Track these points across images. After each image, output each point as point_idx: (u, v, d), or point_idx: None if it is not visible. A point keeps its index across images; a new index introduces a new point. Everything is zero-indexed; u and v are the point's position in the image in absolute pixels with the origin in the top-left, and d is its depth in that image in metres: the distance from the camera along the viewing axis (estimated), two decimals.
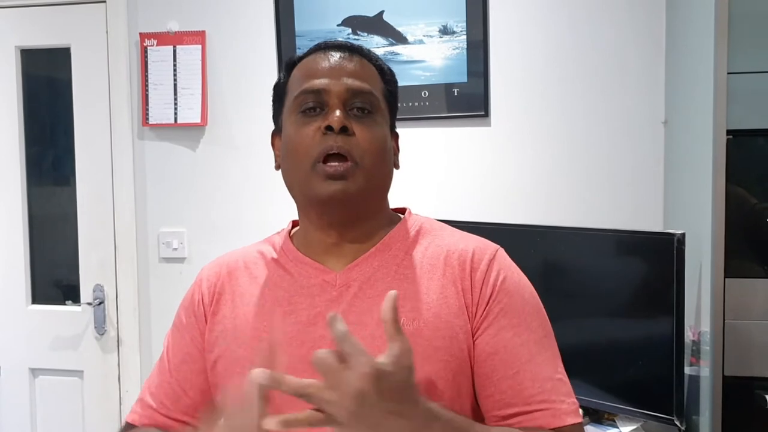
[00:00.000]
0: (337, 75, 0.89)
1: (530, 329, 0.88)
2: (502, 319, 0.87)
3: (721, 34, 1.43)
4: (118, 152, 2.28)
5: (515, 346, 0.87)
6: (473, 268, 0.90)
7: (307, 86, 0.89)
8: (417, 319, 0.86)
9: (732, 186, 1.44)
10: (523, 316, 0.89)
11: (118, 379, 2.32)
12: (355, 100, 0.89)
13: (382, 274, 0.90)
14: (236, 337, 0.91)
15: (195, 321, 0.96)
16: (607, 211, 2.04)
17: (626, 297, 1.58)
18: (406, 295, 0.88)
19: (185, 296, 1.00)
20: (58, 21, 2.30)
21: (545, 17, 2.06)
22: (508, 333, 0.87)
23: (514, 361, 0.86)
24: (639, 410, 1.53)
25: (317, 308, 0.89)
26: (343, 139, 0.86)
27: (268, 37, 2.19)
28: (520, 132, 2.09)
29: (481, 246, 0.93)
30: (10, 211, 2.35)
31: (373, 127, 0.90)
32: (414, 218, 0.98)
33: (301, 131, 0.89)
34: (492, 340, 0.87)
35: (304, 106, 0.89)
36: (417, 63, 2.11)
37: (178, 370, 0.96)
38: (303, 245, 0.95)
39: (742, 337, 1.45)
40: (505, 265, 0.92)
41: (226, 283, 0.96)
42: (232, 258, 1.00)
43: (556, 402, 0.85)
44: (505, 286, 0.89)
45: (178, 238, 2.28)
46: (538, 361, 0.87)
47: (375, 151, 0.89)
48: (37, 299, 2.38)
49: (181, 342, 0.97)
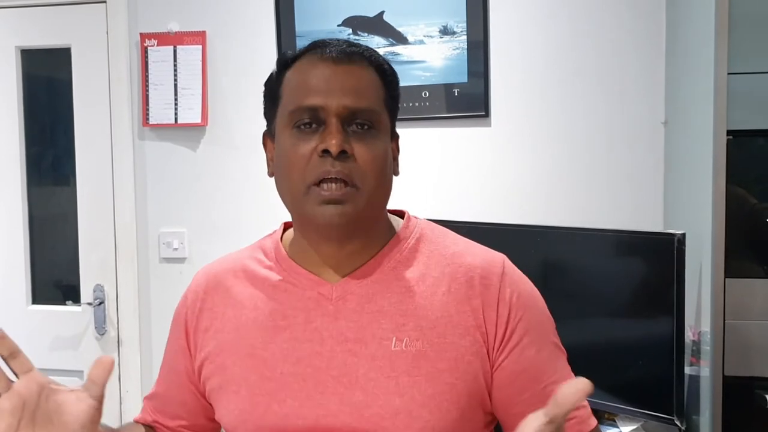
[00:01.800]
0: (334, 90, 0.82)
1: (548, 340, 0.88)
2: (524, 337, 0.85)
3: (721, 35, 1.43)
4: (118, 152, 2.28)
5: (541, 362, 0.86)
6: (484, 285, 0.85)
7: (303, 104, 0.83)
8: (420, 340, 0.82)
9: (732, 186, 1.44)
10: (541, 330, 0.88)
11: (118, 379, 2.32)
12: (354, 118, 0.82)
13: (382, 287, 0.86)
14: (231, 354, 0.88)
15: (181, 334, 0.95)
16: (607, 211, 2.04)
17: (626, 297, 1.58)
18: (408, 312, 0.84)
19: (177, 305, 0.99)
20: (58, 21, 2.30)
21: (546, 18, 2.06)
22: (532, 350, 0.85)
23: (541, 378, 0.85)
24: (639, 410, 1.53)
25: (313, 323, 0.85)
26: (342, 165, 0.80)
27: (268, 38, 2.19)
28: (520, 132, 2.09)
29: (487, 259, 0.88)
30: (10, 212, 2.35)
31: (374, 145, 0.83)
32: (413, 223, 0.93)
33: (296, 150, 0.82)
34: (518, 358, 0.84)
35: (299, 122, 0.83)
36: (417, 63, 2.11)
37: (166, 379, 0.99)
38: (296, 252, 0.90)
39: (742, 337, 1.45)
40: (515, 278, 0.88)
41: (216, 297, 0.92)
42: (223, 267, 0.95)
43: (579, 408, 0.84)
44: (522, 301, 0.86)
45: (179, 238, 2.28)
46: (560, 372, 0.87)
47: (376, 172, 0.83)
48: (37, 299, 2.38)
49: (170, 354, 0.98)
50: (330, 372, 0.82)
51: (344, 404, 0.81)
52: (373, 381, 0.81)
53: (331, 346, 0.83)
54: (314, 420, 0.82)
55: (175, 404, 0.97)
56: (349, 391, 0.81)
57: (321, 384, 0.82)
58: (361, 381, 0.82)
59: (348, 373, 0.82)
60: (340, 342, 0.83)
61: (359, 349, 0.83)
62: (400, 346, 0.81)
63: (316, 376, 0.83)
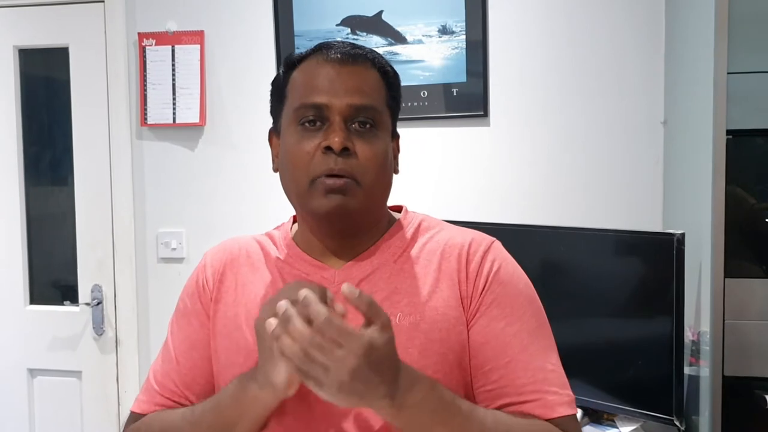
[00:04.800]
0: (338, 90, 0.87)
1: (523, 320, 0.88)
2: (494, 309, 0.88)
3: (720, 34, 1.43)
4: (116, 152, 2.27)
5: (507, 336, 0.87)
6: (468, 259, 0.90)
7: (308, 101, 0.88)
8: (414, 314, 0.87)
9: (731, 186, 1.44)
10: (516, 307, 0.89)
11: (116, 379, 2.31)
12: (357, 115, 0.87)
13: (381, 271, 0.91)
14: (238, 326, 0.92)
15: (201, 306, 0.96)
16: (607, 211, 2.04)
17: (626, 297, 1.58)
18: (403, 290, 0.89)
19: (188, 281, 1.00)
20: (56, 21, 2.29)
21: (545, 17, 2.06)
22: (500, 323, 0.87)
23: (505, 352, 0.86)
24: (638, 410, 1.53)
25: None
26: (344, 161, 0.85)
27: (266, 37, 2.19)
28: (519, 132, 2.09)
29: (476, 238, 0.94)
30: (8, 212, 2.35)
31: (375, 143, 0.88)
32: (411, 215, 0.99)
33: (301, 146, 0.87)
34: (483, 330, 0.87)
35: (304, 119, 0.88)
36: (416, 63, 2.11)
37: (187, 357, 0.96)
38: (302, 242, 0.96)
39: (741, 337, 1.45)
40: (500, 256, 0.93)
41: (229, 270, 0.97)
42: (235, 246, 1.00)
43: (548, 393, 0.85)
44: (499, 276, 0.90)
45: (177, 238, 2.28)
46: (530, 351, 0.87)
47: (376, 169, 0.88)
48: (35, 300, 2.37)
49: (188, 328, 0.97)
50: None
51: None
52: None
53: None
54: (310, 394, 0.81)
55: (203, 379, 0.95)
56: None
57: None
58: None
59: None
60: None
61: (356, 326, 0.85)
62: (394, 320, 0.82)
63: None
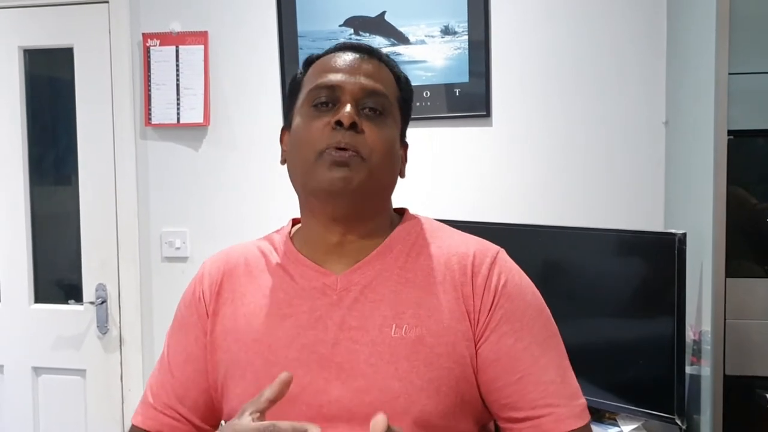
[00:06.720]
0: (352, 73, 0.89)
1: (532, 332, 0.88)
2: (503, 325, 0.87)
3: (722, 35, 1.43)
4: (120, 152, 2.28)
5: (517, 351, 0.86)
6: (474, 272, 0.89)
7: (321, 81, 0.89)
8: (419, 326, 0.86)
9: (733, 186, 1.44)
10: (525, 320, 0.88)
11: (120, 378, 2.33)
12: (368, 100, 0.89)
13: (384, 278, 0.89)
14: (237, 339, 0.91)
15: (197, 318, 0.95)
16: (608, 211, 2.04)
17: (627, 297, 1.58)
18: (408, 301, 0.87)
19: (185, 292, 0.99)
20: (61, 21, 2.31)
21: (547, 18, 2.06)
22: (510, 339, 0.86)
23: (516, 368, 0.86)
24: (640, 409, 1.53)
25: (317, 312, 0.88)
26: (351, 136, 0.86)
27: (270, 38, 2.20)
28: (521, 132, 2.09)
29: (481, 249, 0.92)
30: (12, 211, 2.36)
31: (383, 128, 0.89)
32: (414, 219, 0.97)
33: (311, 124, 0.88)
34: (494, 347, 0.86)
35: (317, 100, 0.89)
36: (418, 63, 2.12)
37: (182, 370, 0.95)
38: (304, 245, 0.94)
39: (742, 337, 1.45)
40: (506, 268, 0.91)
41: (227, 281, 0.95)
42: (234, 254, 0.99)
43: (559, 406, 0.85)
44: (507, 290, 0.88)
45: (181, 237, 2.29)
46: (541, 363, 0.86)
47: (382, 150, 0.88)
48: (39, 298, 2.38)
49: (184, 340, 0.96)
50: (333, 359, 0.85)
51: (346, 389, 0.84)
52: (374, 366, 0.84)
53: (334, 334, 0.86)
54: (317, 405, 0.84)
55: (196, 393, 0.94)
56: (351, 377, 0.84)
57: (324, 370, 0.85)
58: (362, 366, 0.84)
59: (350, 359, 0.85)
60: (343, 330, 0.86)
61: (361, 337, 0.85)
62: (400, 332, 0.83)
63: (320, 362, 0.85)
